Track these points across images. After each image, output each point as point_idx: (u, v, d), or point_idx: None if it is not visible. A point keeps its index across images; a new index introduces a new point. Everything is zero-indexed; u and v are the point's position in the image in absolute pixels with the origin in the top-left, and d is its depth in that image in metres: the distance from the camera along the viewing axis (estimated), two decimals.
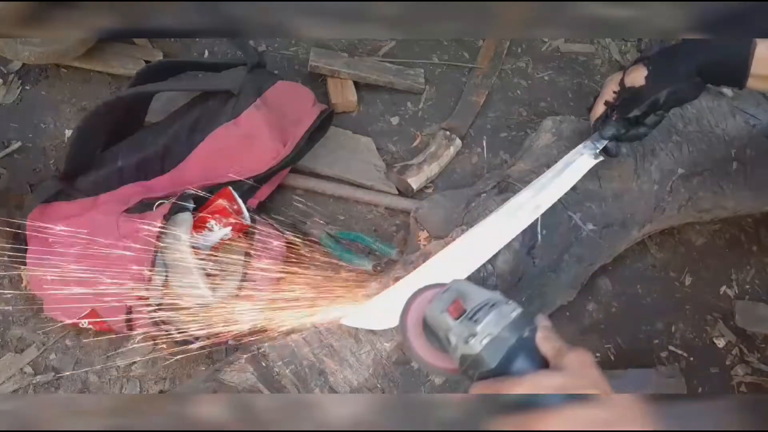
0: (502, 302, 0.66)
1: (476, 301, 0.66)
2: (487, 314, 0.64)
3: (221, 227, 1.02)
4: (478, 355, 0.63)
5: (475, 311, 0.65)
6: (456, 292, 0.68)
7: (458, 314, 0.66)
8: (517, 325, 0.64)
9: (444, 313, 0.67)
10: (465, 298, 0.67)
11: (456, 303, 0.67)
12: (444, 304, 0.67)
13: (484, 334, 0.63)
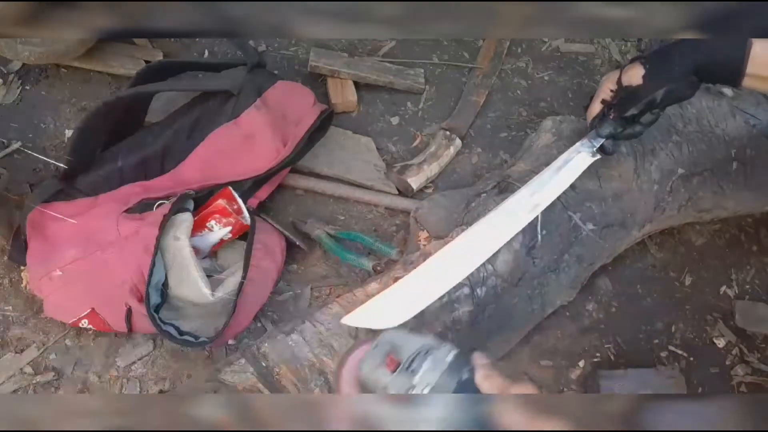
0: (435, 347, 0.65)
1: (410, 350, 0.65)
2: (422, 362, 0.63)
3: (221, 227, 1.03)
4: None
5: (411, 361, 0.64)
6: (388, 344, 0.66)
7: (394, 367, 0.64)
8: (454, 368, 0.63)
9: (379, 368, 0.65)
10: (397, 350, 0.65)
11: (389, 356, 0.65)
12: (378, 360, 0.65)
13: (423, 384, 0.62)
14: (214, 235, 1.03)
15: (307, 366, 0.83)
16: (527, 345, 1.10)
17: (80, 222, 1.00)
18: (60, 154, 1.16)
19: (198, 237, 1.01)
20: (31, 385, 0.99)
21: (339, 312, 0.86)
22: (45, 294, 0.98)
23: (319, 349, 0.83)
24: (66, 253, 0.97)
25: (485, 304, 0.90)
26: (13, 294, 1.05)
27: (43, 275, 0.97)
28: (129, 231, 0.96)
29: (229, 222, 1.03)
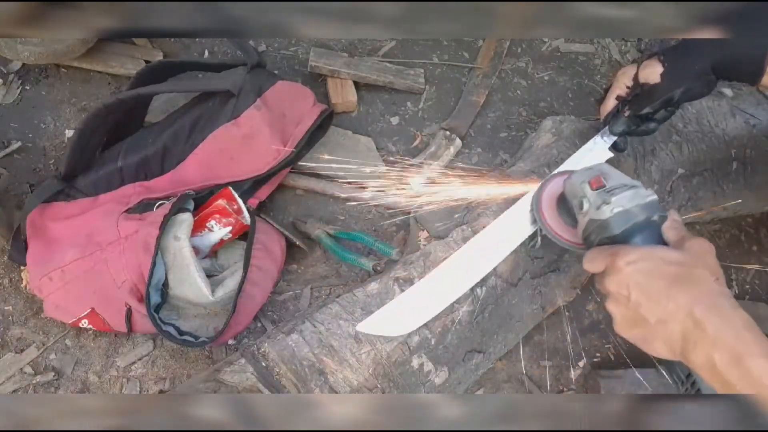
0: (640, 188, 0.71)
1: (617, 181, 0.72)
2: (623, 191, 0.70)
3: (221, 227, 1.02)
4: (606, 220, 0.70)
5: (614, 187, 0.71)
6: (599, 170, 0.75)
7: (597, 186, 0.72)
8: (649, 207, 0.70)
9: (584, 183, 0.73)
10: (607, 177, 0.73)
11: (597, 178, 0.73)
12: (586, 177, 0.74)
13: (616, 205, 0.69)
14: (214, 235, 1.03)
15: (307, 366, 0.83)
16: (527, 345, 1.11)
17: (80, 222, 1.00)
18: (60, 154, 1.16)
19: (198, 237, 1.01)
20: (31, 385, 0.99)
21: (339, 312, 0.86)
22: (45, 294, 0.98)
23: (319, 349, 0.83)
24: (66, 253, 0.97)
25: (485, 304, 0.90)
26: (13, 294, 1.05)
27: (43, 275, 0.97)
28: (129, 231, 0.96)
29: (229, 222, 1.03)
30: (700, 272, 0.65)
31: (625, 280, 0.66)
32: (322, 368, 0.82)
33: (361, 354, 0.83)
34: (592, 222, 0.71)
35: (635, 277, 0.65)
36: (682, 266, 0.65)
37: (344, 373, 0.83)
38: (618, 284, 0.67)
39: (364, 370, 0.83)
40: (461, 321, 0.89)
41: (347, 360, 0.83)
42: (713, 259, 0.66)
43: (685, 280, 0.64)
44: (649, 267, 0.65)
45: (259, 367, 0.81)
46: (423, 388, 0.87)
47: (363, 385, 0.83)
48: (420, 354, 0.86)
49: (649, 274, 0.65)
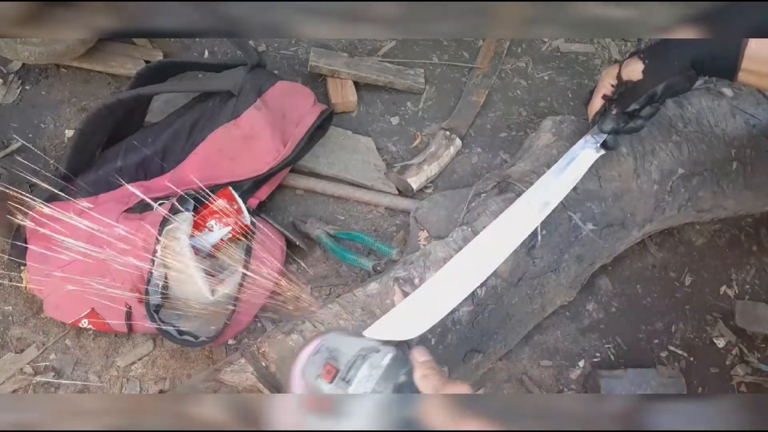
0: (373, 351, 0.65)
1: (348, 356, 0.65)
2: (358, 370, 0.63)
3: (221, 227, 1.03)
4: None
5: (348, 368, 0.64)
6: (327, 351, 0.67)
7: (332, 377, 0.64)
8: (390, 372, 0.63)
9: (318, 379, 0.65)
10: (336, 357, 0.66)
11: (328, 366, 0.65)
12: (317, 369, 0.66)
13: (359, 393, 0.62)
14: (214, 235, 1.03)
15: None
16: (527, 345, 1.11)
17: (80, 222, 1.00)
18: (60, 154, 1.16)
19: (198, 237, 1.01)
20: (31, 385, 0.99)
21: (339, 312, 0.86)
22: (45, 294, 0.98)
23: None
24: (66, 253, 0.97)
25: (485, 304, 0.90)
26: (13, 294, 1.05)
27: (43, 275, 0.97)
28: (129, 231, 0.96)
29: (229, 222, 1.03)
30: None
31: None
32: None
33: None
34: None
35: None
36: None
37: None
38: None
39: None
40: (461, 321, 0.89)
41: None
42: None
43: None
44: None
45: (259, 367, 0.81)
46: None
47: None
48: None
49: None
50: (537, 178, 0.96)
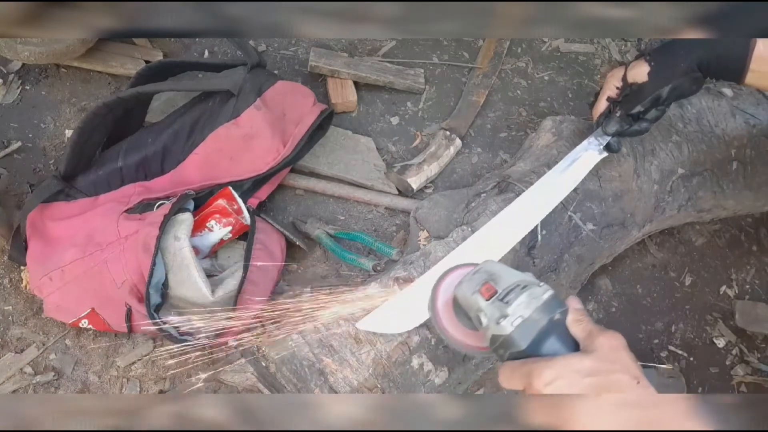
0: (533, 284, 0.67)
1: (507, 282, 0.67)
2: (518, 296, 0.65)
3: (221, 227, 1.03)
4: (509, 336, 0.64)
5: (507, 292, 0.66)
6: (486, 273, 0.69)
7: (489, 295, 0.67)
8: (548, 307, 0.65)
9: (475, 294, 0.67)
10: (496, 280, 0.68)
11: (487, 284, 0.67)
12: (475, 285, 0.68)
13: (515, 316, 0.64)
14: (214, 235, 1.03)
15: (307, 366, 0.83)
16: None
17: (80, 222, 1.00)
18: (60, 154, 1.16)
19: (198, 237, 1.01)
20: (31, 385, 0.99)
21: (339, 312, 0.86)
22: (45, 294, 0.98)
23: (319, 349, 0.83)
24: (66, 253, 0.97)
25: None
26: (13, 294, 1.05)
27: (43, 275, 0.97)
28: (129, 231, 0.96)
29: (229, 222, 1.03)
30: (618, 378, 0.61)
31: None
32: (322, 368, 0.82)
33: (361, 354, 0.83)
34: (496, 338, 0.66)
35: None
36: (599, 375, 0.61)
37: (344, 373, 0.83)
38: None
39: (364, 370, 0.83)
40: None
41: (347, 360, 0.83)
42: (627, 353, 0.63)
43: (606, 390, 0.61)
44: (567, 385, 0.62)
45: (259, 367, 0.81)
46: (423, 388, 0.87)
47: (363, 385, 0.83)
48: (420, 354, 0.86)
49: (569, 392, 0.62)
50: (537, 178, 0.96)
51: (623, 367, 0.61)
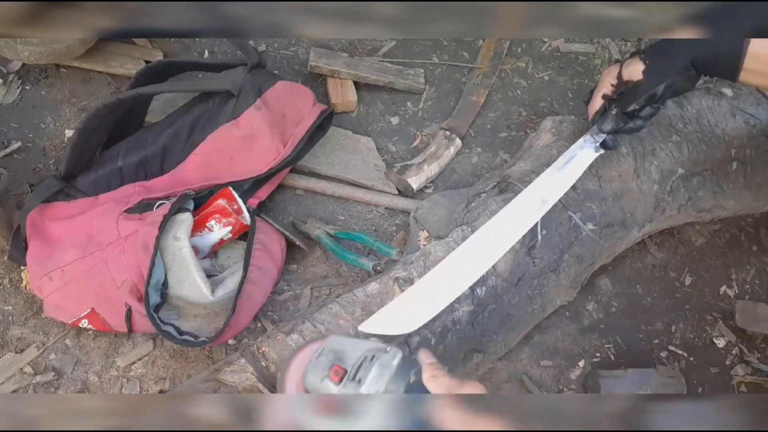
0: (381, 351, 0.64)
1: (354, 357, 0.64)
2: (369, 370, 0.62)
3: (221, 227, 1.03)
4: None
5: (356, 369, 0.63)
6: (331, 353, 0.66)
7: (339, 378, 0.63)
8: (401, 372, 0.62)
9: (325, 380, 0.64)
10: (342, 358, 0.65)
11: (335, 367, 0.64)
12: (323, 371, 0.65)
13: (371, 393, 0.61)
14: (214, 235, 1.03)
15: None
16: (527, 345, 1.11)
17: (80, 222, 1.00)
18: (60, 154, 1.16)
19: (198, 237, 1.01)
20: (31, 385, 0.99)
21: (339, 312, 0.86)
22: (45, 294, 0.98)
23: None
24: (66, 253, 0.97)
25: (485, 304, 0.90)
26: (13, 294, 1.05)
27: (43, 275, 0.97)
28: (129, 231, 0.96)
29: (229, 222, 1.03)
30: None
31: None
32: None
33: None
34: None
35: None
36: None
37: None
38: None
39: None
40: (461, 321, 0.89)
41: None
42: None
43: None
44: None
45: (259, 367, 0.81)
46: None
47: None
48: None
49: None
50: (537, 177, 0.96)
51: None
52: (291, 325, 0.85)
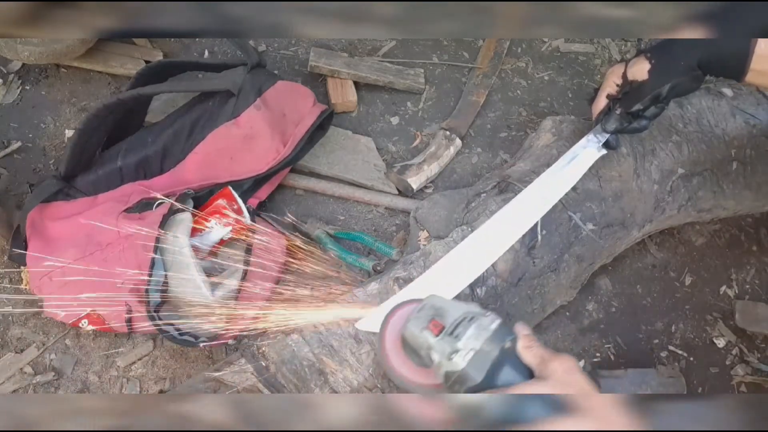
0: (480, 315, 0.66)
1: (454, 316, 0.67)
2: (467, 328, 0.65)
3: (221, 227, 1.03)
4: (463, 371, 0.63)
5: (455, 326, 0.65)
6: (432, 309, 0.68)
7: (438, 331, 0.66)
8: (497, 336, 0.64)
9: (424, 331, 0.67)
10: (442, 315, 0.67)
11: (434, 321, 0.67)
12: (423, 323, 0.67)
13: (466, 349, 0.63)
14: (214, 235, 1.03)
15: (307, 366, 0.82)
16: None
17: (80, 222, 1.00)
18: (60, 154, 1.16)
19: (198, 237, 1.01)
20: (31, 385, 0.99)
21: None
22: (45, 294, 0.98)
23: (319, 349, 0.83)
24: (66, 253, 0.97)
25: (485, 304, 0.90)
26: (13, 294, 1.05)
27: (43, 275, 0.97)
28: (129, 231, 0.96)
29: (229, 222, 1.03)
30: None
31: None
32: (322, 368, 0.82)
33: (361, 354, 0.83)
34: (450, 374, 0.65)
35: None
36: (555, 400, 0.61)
37: (344, 373, 0.83)
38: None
39: (364, 370, 0.83)
40: None
41: (347, 360, 0.83)
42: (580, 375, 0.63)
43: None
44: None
45: (259, 367, 0.81)
46: None
47: (363, 385, 0.83)
48: None
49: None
50: (537, 177, 0.96)
51: (579, 389, 0.61)
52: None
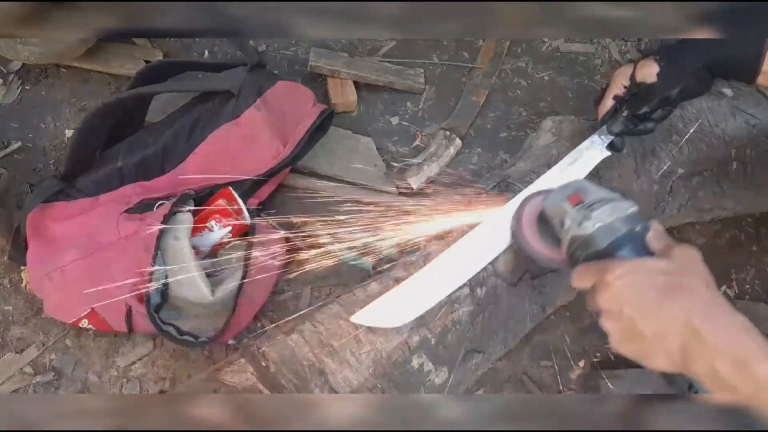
0: (620, 200, 0.71)
1: (595, 195, 0.72)
2: (603, 205, 0.70)
3: (221, 227, 1.03)
4: (590, 235, 0.69)
5: (593, 202, 0.71)
6: (578, 187, 0.74)
7: (576, 202, 0.72)
8: (630, 219, 0.69)
9: (563, 201, 0.73)
10: (586, 192, 0.73)
11: (576, 194, 0.73)
12: (564, 195, 0.74)
13: (597, 220, 0.69)
14: (214, 235, 1.03)
15: (307, 366, 0.82)
16: (527, 345, 1.10)
17: (80, 222, 1.00)
18: (60, 154, 1.16)
19: (198, 237, 1.01)
20: (31, 385, 0.99)
21: (339, 312, 0.86)
22: (45, 294, 0.98)
23: (319, 349, 0.83)
24: (66, 253, 0.97)
25: (485, 304, 0.90)
26: (13, 294, 1.05)
27: (43, 275, 0.97)
28: (129, 231, 0.96)
29: (229, 222, 1.03)
30: (690, 280, 0.64)
31: (615, 295, 0.65)
32: (322, 368, 0.82)
33: (361, 354, 0.83)
34: (575, 239, 0.70)
35: (626, 291, 0.64)
36: (671, 276, 0.64)
37: (344, 373, 0.83)
38: (609, 300, 0.65)
39: (364, 370, 0.83)
40: (461, 321, 0.89)
41: (347, 360, 0.83)
42: (701, 265, 0.66)
43: (677, 290, 0.63)
44: (638, 280, 0.64)
45: (259, 367, 0.81)
46: (423, 388, 0.87)
47: (363, 385, 0.83)
48: (420, 354, 0.86)
49: (639, 287, 0.64)
50: (537, 178, 0.96)
51: (695, 272, 0.65)
52: (291, 325, 0.86)
